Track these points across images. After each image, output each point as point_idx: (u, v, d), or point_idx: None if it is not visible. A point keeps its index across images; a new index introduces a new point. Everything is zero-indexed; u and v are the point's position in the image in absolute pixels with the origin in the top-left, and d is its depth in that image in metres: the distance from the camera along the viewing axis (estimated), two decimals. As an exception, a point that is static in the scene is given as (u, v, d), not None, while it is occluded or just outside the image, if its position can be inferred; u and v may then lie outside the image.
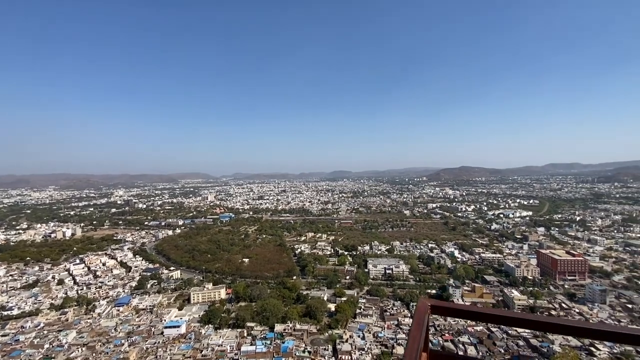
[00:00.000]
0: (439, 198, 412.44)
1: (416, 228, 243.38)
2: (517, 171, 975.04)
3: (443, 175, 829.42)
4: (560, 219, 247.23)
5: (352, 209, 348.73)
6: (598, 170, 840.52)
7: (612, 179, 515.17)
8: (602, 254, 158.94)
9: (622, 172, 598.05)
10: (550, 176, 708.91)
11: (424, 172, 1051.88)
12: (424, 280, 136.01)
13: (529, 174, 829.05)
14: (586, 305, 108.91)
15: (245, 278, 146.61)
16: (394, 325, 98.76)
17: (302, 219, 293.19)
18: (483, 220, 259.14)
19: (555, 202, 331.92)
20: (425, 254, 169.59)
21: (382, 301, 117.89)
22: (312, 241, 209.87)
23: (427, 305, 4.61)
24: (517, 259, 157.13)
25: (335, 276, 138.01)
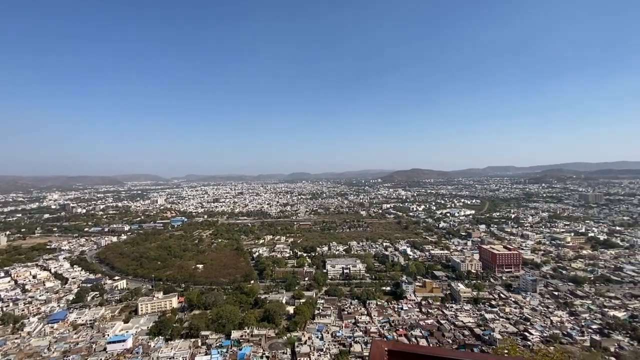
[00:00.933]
0: (392, 199, 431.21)
1: (372, 228, 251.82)
2: (462, 173, 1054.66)
3: (396, 177, 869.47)
4: (499, 216, 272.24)
5: (311, 210, 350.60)
6: (529, 172, 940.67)
7: (540, 180, 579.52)
8: (533, 248, 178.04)
9: (548, 174, 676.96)
10: (489, 178, 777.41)
11: (379, 174, 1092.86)
12: (379, 278, 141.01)
13: (472, 176, 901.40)
14: (520, 294, 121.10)
15: (200, 285, 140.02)
16: (352, 323, 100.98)
17: (260, 222, 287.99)
18: (432, 219, 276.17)
19: (494, 201, 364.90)
20: (380, 253, 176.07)
21: (340, 301, 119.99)
22: (270, 244, 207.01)
23: (383, 350, 3.90)
24: (462, 254, 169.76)
25: (294, 278, 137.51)
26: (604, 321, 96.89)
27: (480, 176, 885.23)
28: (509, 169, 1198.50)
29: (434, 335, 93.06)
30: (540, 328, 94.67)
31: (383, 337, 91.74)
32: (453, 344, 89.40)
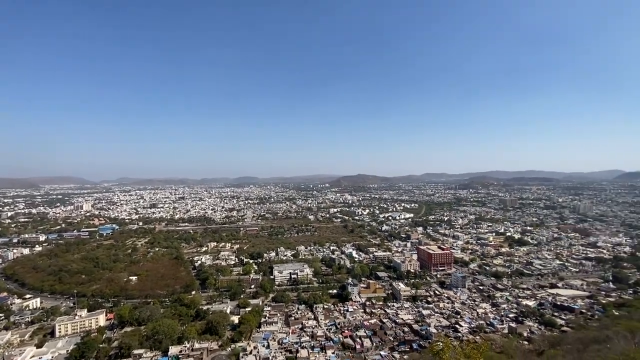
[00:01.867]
0: (339, 203, 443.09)
1: (320, 232, 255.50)
2: (402, 179, 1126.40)
3: (343, 182, 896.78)
4: (434, 219, 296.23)
5: (259, 215, 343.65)
6: (459, 179, 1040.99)
7: (468, 186, 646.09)
8: (463, 247, 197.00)
9: (475, 181, 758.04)
10: (426, 184, 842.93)
11: (328, 179, 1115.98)
12: (326, 281, 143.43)
13: (411, 182, 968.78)
14: (452, 290, 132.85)
15: (133, 299, 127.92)
16: (299, 329, 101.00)
17: (203, 228, 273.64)
18: (376, 222, 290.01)
19: (430, 205, 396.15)
20: (327, 256, 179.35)
21: (288, 306, 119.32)
22: (214, 251, 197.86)
23: None
24: (403, 255, 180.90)
25: (239, 286, 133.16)
26: (518, 310, 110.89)
27: (419, 182, 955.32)
28: (443, 176, 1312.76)
29: (377, 335, 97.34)
30: (469, 320, 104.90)
31: (329, 340, 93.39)
32: (394, 341, 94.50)
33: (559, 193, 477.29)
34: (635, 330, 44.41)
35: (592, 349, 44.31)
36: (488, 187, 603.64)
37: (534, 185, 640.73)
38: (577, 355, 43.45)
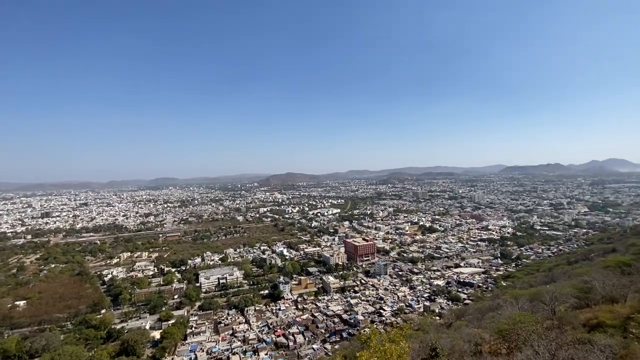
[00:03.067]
0: (269, 202, 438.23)
1: (249, 233, 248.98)
2: (329, 176, 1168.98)
3: (272, 181, 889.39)
4: (358, 213, 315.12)
5: (181, 219, 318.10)
6: (379, 175, 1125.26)
7: (387, 181, 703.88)
8: (384, 237, 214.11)
9: (392, 177, 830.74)
10: (350, 180, 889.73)
11: (256, 178, 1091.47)
12: (257, 282, 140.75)
13: (337, 179, 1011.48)
14: (376, 278, 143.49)
15: (22, 328, 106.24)
16: (229, 335, 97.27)
17: (113, 238, 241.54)
18: (305, 219, 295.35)
19: (355, 200, 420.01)
20: (258, 257, 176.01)
21: (216, 313, 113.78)
22: (128, 263, 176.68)
23: None
24: (332, 249, 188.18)
25: (160, 298, 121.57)
26: (431, 289, 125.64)
27: (344, 179, 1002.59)
28: (365, 173, 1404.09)
29: (309, 329, 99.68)
30: (391, 304, 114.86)
31: (262, 341, 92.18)
32: (326, 332, 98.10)
33: (460, 185, 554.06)
34: (518, 296, 54.56)
35: (488, 316, 52.99)
36: (403, 182, 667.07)
37: (440, 179, 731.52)
38: (477, 323, 51.42)
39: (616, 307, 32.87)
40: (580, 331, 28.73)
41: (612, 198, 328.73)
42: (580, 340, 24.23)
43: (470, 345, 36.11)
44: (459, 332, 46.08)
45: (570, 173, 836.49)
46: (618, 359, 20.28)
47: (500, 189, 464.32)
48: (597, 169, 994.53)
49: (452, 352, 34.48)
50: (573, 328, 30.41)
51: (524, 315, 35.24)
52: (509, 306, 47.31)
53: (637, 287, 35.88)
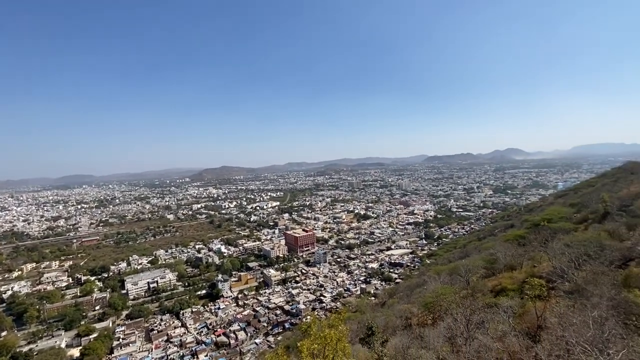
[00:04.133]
0: (203, 198, 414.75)
1: (182, 231, 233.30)
2: (267, 169, 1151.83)
3: (206, 175, 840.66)
4: (298, 205, 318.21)
5: (99, 221, 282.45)
6: (317, 167, 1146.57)
7: (324, 173, 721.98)
8: (322, 227, 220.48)
9: (329, 168, 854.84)
10: (289, 172, 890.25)
11: (187, 173, 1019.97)
12: (193, 283, 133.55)
13: (275, 171, 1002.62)
14: (316, 267, 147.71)
15: None
16: (164, 341, 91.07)
17: (12, 247, 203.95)
18: (244, 214, 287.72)
19: (294, 192, 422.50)
20: (193, 257, 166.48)
21: (148, 320, 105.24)
22: (34, 275, 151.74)
23: None
24: (272, 242, 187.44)
25: (77, 312, 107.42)
26: (366, 272, 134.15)
27: (282, 171, 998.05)
28: (303, 165, 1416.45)
29: (251, 324, 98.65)
30: (331, 290, 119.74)
31: (201, 343, 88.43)
32: (268, 326, 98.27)
33: (389, 175, 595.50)
34: (440, 272, 61.70)
35: (416, 292, 59.05)
36: (339, 173, 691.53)
37: (372, 169, 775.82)
38: (406, 300, 56.96)
39: (515, 273, 39.47)
40: (489, 297, 33.97)
41: (510, 182, 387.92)
42: (488, 305, 28.76)
43: (401, 320, 40.02)
44: (391, 310, 50.57)
45: (478, 161, 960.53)
46: (517, 316, 24.63)
47: (424, 177, 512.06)
48: (499, 157, 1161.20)
49: (386, 328, 37.86)
50: (483, 294, 35.77)
51: (445, 288, 40.27)
52: (433, 281, 53.34)
53: (530, 256, 43.55)
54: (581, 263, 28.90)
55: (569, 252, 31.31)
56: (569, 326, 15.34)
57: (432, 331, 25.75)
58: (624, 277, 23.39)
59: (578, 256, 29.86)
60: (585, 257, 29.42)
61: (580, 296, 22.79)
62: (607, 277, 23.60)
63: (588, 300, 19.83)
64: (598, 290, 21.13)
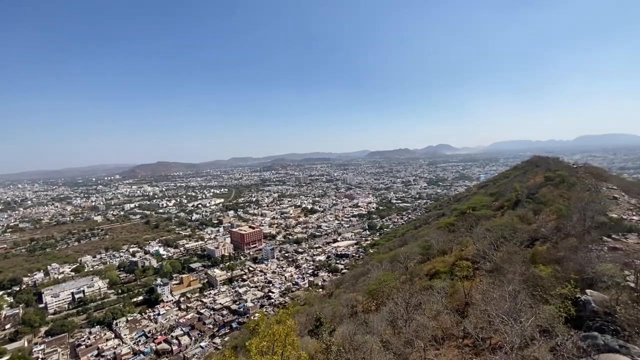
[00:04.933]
0: (137, 197, 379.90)
1: (113, 234, 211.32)
2: (209, 165, 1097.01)
3: (139, 172, 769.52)
4: (244, 201, 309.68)
5: (6, 227, 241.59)
6: (263, 162, 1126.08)
7: (271, 168, 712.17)
8: (270, 223, 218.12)
9: (276, 163, 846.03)
10: (234, 168, 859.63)
11: (116, 170, 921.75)
12: (128, 290, 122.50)
13: (219, 167, 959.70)
14: (264, 263, 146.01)
15: None
16: (93, 357, 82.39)
17: None
18: (185, 212, 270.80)
19: (239, 188, 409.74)
20: (127, 261, 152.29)
21: (73, 335, 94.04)
22: None
23: None
24: (216, 241, 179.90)
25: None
26: (314, 265, 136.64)
27: (226, 167, 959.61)
28: (249, 160, 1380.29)
29: (195, 328, 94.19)
30: (279, 285, 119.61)
31: (138, 353, 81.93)
32: (214, 327, 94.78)
33: (335, 169, 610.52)
34: (382, 260, 65.56)
35: (361, 281, 62.03)
36: (286, 168, 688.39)
37: (318, 164, 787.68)
38: (352, 289, 59.55)
39: (446, 257, 43.71)
40: (425, 280, 37.18)
41: (441, 175, 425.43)
42: (425, 287, 31.51)
43: (348, 309, 41.79)
44: (338, 299, 52.46)
45: (414, 156, 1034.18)
46: (449, 296, 27.40)
47: (367, 171, 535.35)
48: (432, 152, 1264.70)
49: (334, 317, 39.20)
50: (420, 278, 39.03)
51: (386, 275, 42.97)
52: (376, 269, 56.48)
53: (458, 241, 48.56)
54: (499, 245, 33.13)
55: (490, 236, 35.65)
56: (490, 301, 17.60)
57: (376, 316, 27.41)
58: (531, 254, 27.40)
59: (496, 239, 34.17)
60: (502, 240, 33.80)
61: (498, 274, 26.16)
62: (519, 256, 27.45)
63: (505, 277, 22.85)
64: (512, 268, 24.47)
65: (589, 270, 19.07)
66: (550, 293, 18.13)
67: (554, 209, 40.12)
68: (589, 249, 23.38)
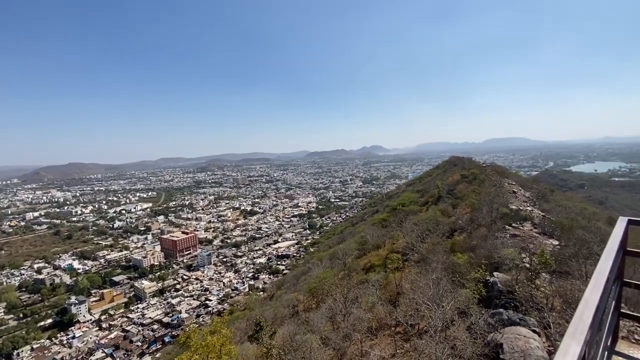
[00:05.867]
0: (43, 204, 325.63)
1: (11, 249, 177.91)
2: (134, 166, 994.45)
3: (45, 175, 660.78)
4: (175, 205, 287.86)
5: None
6: (197, 162, 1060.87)
7: (206, 169, 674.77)
8: (206, 227, 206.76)
9: (211, 164, 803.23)
10: (163, 169, 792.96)
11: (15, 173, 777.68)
12: (32, 313, 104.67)
13: (145, 168, 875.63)
14: (200, 270, 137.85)
15: None
16: (-14, 397, 68.68)
17: None
18: (105, 220, 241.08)
19: (170, 191, 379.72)
20: (30, 279, 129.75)
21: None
22: None
23: None
24: (144, 250, 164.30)
25: None
26: (254, 268, 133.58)
27: (154, 168, 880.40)
28: (180, 160, 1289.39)
29: (120, 348, 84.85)
30: (217, 292, 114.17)
31: None
32: (144, 344, 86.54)
33: (274, 170, 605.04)
34: (322, 258, 66.95)
35: (302, 280, 62.47)
36: (223, 169, 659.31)
37: (257, 164, 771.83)
38: (293, 289, 59.67)
39: (380, 251, 46.49)
40: (361, 274, 39.05)
41: (375, 174, 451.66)
42: (361, 281, 33.10)
43: (289, 309, 41.81)
44: (279, 301, 52.16)
45: (351, 156, 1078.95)
46: (382, 287, 29.18)
47: (306, 171, 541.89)
48: (366, 153, 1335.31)
49: (275, 319, 38.85)
50: (357, 273, 40.87)
51: (326, 272, 44.07)
52: (316, 267, 57.45)
53: (390, 235, 52.05)
54: (424, 237, 36.41)
55: (416, 229, 38.94)
56: (417, 289, 19.23)
57: (316, 314, 27.91)
58: (451, 244, 30.70)
59: (422, 232, 37.50)
60: (427, 232, 37.22)
61: (425, 263, 28.72)
62: (441, 246, 30.52)
63: (429, 266, 25.20)
64: (435, 257, 27.08)
65: (495, 255, 22.07)
66: (466, 278, 20.49)
67: (469, 203, 45.50)
68: (495, 237, 27.08)
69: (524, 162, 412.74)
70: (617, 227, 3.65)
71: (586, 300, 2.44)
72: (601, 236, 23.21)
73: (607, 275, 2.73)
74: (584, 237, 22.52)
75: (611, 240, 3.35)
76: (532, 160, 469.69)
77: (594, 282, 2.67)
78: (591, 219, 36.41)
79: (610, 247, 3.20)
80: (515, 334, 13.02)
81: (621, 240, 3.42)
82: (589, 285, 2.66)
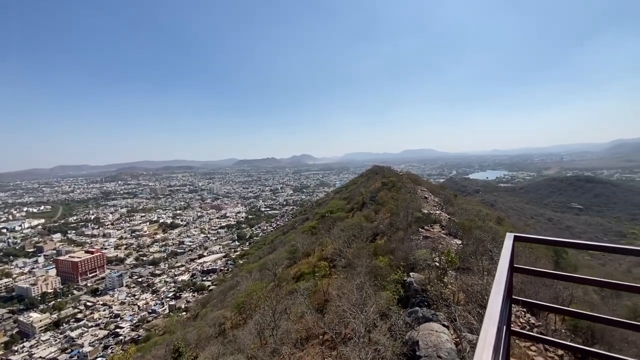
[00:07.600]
0: None
1: None
2: (21, 175, 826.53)
3: None
4: (76, 220, 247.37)
5: None
6: (105, 171, 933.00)
7: (117, 178, 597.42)
8: (116, 244, 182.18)
9: (123, 172, 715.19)
10: (60, 179, 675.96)
11: None
12: None
13: (36, 177, 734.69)
14: (108, 294, 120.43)
15: None
16: None
17: None
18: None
19: (69, 204, 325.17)
20: None
21: None
22: None
23: None
24: (33, 275, 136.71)
25: None
26: (176, 287, 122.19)
27: (48, 177, 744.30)
28: (84, 168, 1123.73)
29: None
30: (130, 317, 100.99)
31: None
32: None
33: (199, 178, 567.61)
34: (251, 270, 64.57)
35: (229, 295, 59.12)
36: (138, 178, 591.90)
37: (179, 173, 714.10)
38: (220, 305, 56.11)
39: (310, 259, 46.93)
40: (292, 283, 38.75)
41: (305, 182, 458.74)
42: (291, 291, 32.78)
43: (215, 328, 39.13)
44: (204, 320, 48.50)
45: (281, 165, 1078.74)
46: (312, 294, 29.33)
47: (235, 180, 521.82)
48: (296, 161, 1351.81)
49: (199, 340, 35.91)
50: (287, 282, 40.43)
51: (255, 284, 42.62)
52: (245, 280, 55.17)
53: (320, 242, 53.02)
54: (350, 242, 38.03)
55: (343, 235, 40.48)
56: (342, 295, 19.79)
57: (243, 331, 26.63)
58: (373, 248, 32.61)
59: (349, 237, 39.12)
60: (353, 237, 38.97)
61: (350, 268, 29.87)
62: (365, 250, 32.17)
63: (355, 270, 26.27)
64: (360, 262, 28.37)
65: (411, 256, 24.13)
66: (387, 280, 21.89)
67: (388, 208, 49.22)
68: (410, 239, 29.69)
69: (433, 171, 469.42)
70: (505, 244, 3.74)
71: (487, 321, 2.39)
72: (493, 235, 27.37)
73: (502, 294, 2.70)
74: (480, 236, 26.20)
75: (502, 258, 3.41)
76: (440, 169, 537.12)
77: (493, 303, 2.60)
78: (485, 219, 42.85)
79: (502, 265, 3.25)
80: (428, 329, 14.28)
81: (510, 258, 3.52)
82: (488, 306, 2.60)
